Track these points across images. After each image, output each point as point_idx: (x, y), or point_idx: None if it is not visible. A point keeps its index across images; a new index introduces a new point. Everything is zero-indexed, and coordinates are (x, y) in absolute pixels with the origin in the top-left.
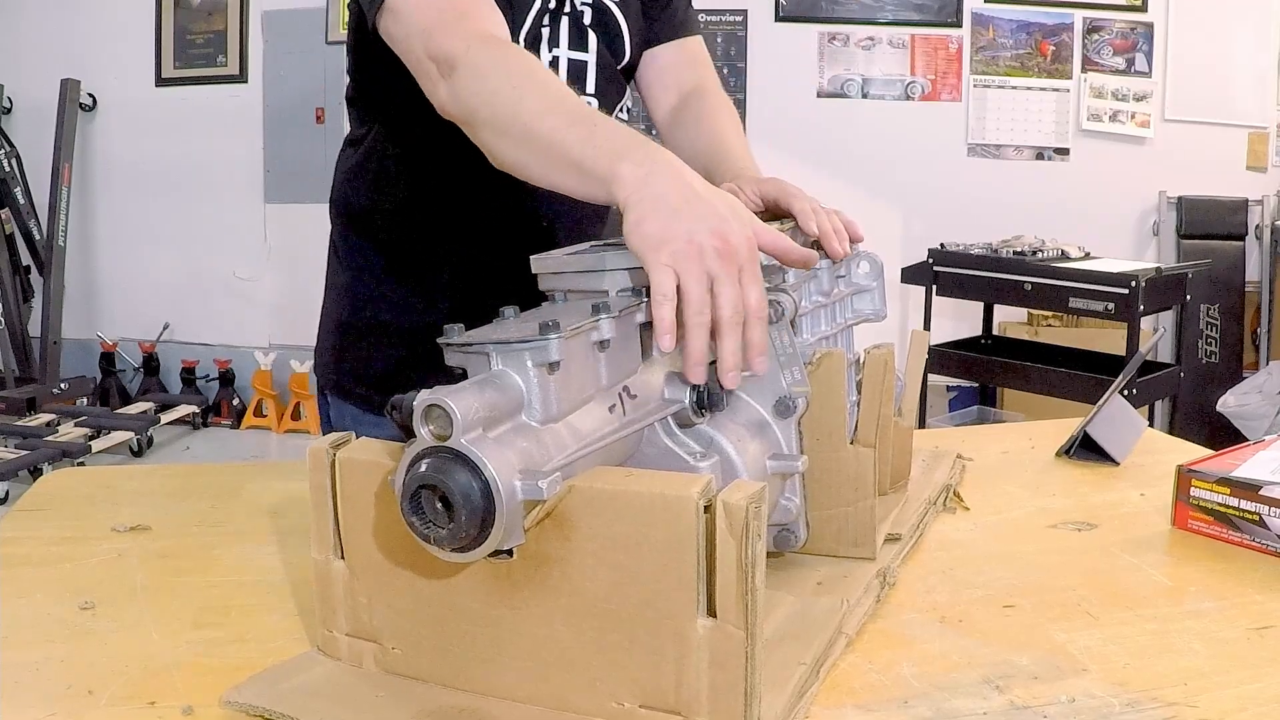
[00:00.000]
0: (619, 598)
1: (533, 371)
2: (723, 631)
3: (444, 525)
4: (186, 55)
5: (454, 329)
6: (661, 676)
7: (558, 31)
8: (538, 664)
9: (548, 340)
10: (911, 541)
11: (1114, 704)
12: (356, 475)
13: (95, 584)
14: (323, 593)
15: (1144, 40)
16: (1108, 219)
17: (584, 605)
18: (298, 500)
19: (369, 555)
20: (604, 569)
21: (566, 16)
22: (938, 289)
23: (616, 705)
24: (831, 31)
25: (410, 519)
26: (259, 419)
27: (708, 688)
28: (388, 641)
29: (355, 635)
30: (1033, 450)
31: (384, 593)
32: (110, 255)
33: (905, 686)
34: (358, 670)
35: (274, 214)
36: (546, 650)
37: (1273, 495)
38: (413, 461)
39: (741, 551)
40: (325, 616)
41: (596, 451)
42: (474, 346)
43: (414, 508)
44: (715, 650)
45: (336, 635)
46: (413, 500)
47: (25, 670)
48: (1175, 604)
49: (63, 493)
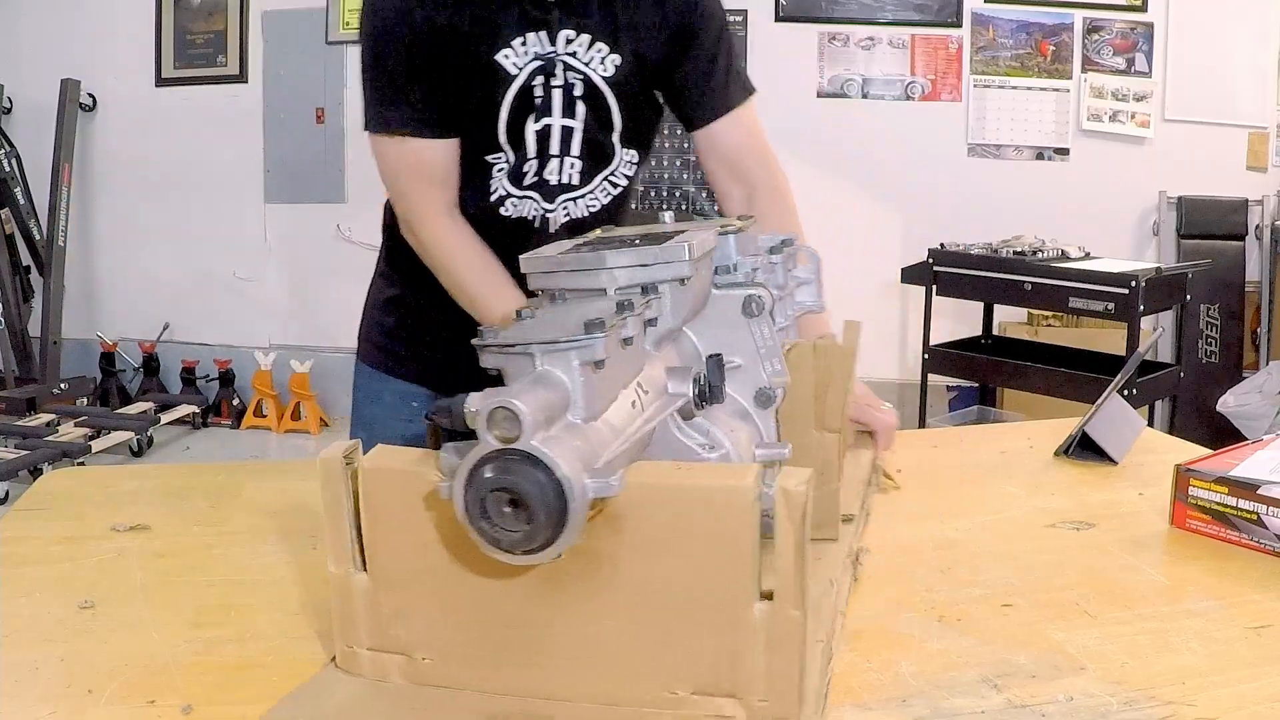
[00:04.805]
0: (673, 589)
1: (578, 370)
2: (780, 613)
3: (517, 528)
4: (186, 55)
5: (490, 330)
6: (717, 662)
7: (550, 101)
8: (585, 661)
9: (595, 339)
10: (864, 521)
11: (1112, 703)
12: (383, 484)
13: (95, 584)
14: (343, 607)
15: (1144, 40)
16: (1108, 219)
17: (635, 598)
18: (297, 500)
19: (397, 565)
20: (658, 561)
21: (559, 89)
22: (938, 289)
23: (670, 694)
24: (831, 31)
25: (479, 524)
26: (259, 419)
27: (764, 669)
28: (418, 652)
29: (379, 649)
30: (1031, 450)
31: (414, 603)
32: (110, 255)
33: (904, 685)
34: (386, 685)
35: (274, 214)
36: (595, 646)
37: (1271, 495)
38: (476, 466)
39: (799, 536)
40: (345, 632)
41: (630, 447)
42: (517, 347)
43: (482, 512)
44: (772, 632)
45: (358, 650)
46: (481, 505)
47: (25, 670)
48: (1173, 603)
49: (63, 493)
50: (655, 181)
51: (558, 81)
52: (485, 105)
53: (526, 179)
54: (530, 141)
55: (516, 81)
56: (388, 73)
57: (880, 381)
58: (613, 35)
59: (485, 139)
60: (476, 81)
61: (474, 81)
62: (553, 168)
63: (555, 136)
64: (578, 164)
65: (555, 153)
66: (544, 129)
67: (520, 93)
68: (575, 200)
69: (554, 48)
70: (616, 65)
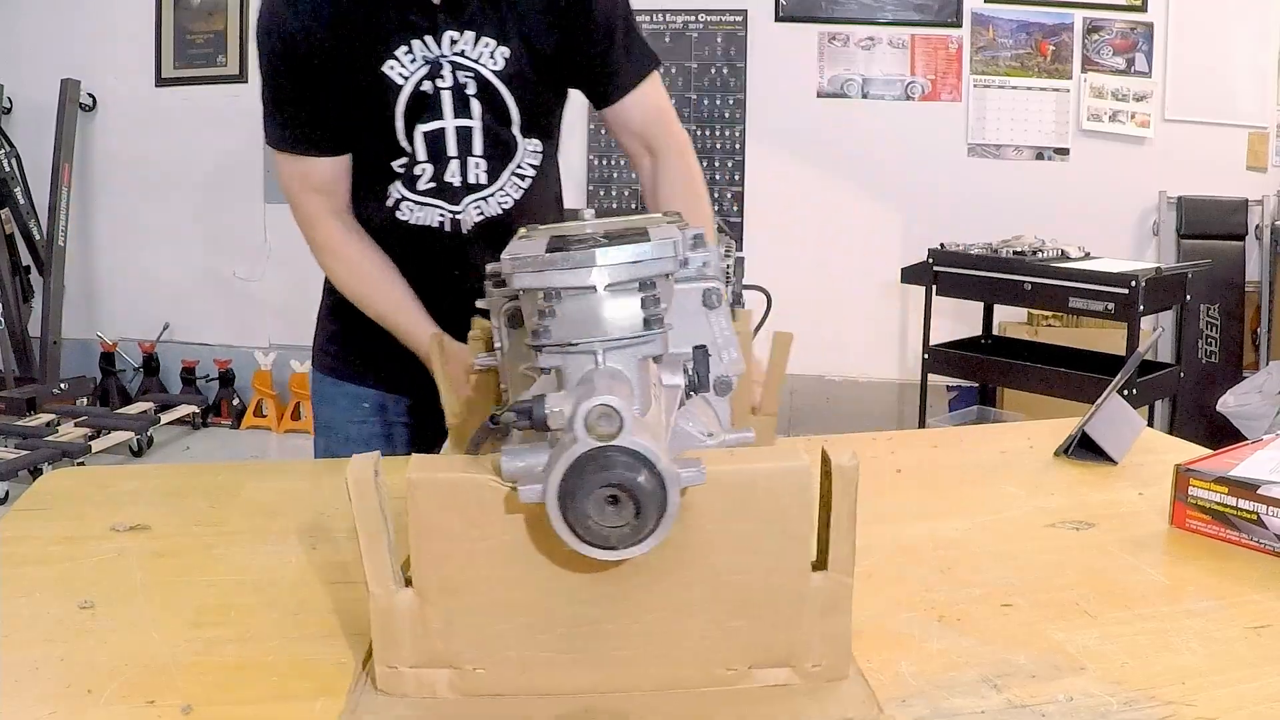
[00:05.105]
0: (731, 569)
1: (637, 366)
2: (835, 581)
3: (623, 523)
4: (186, 55)
5: (547, 329)
6: (774, 633)
7: (439, 103)
8: (644, 651)
9: (656, 335)
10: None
11: (1112, 703)
12: (436, 495)
13: (95, 583)
14: (384, 627)
15: (1144, 40)
16: (1108, 219)
17: (694, 583)
18: (297, 500)
19: (447, 577)
20: (715, 544)
21: (448, 91)
22: (938, 289)
23: (728, 671)
24: (831, 31)
25: (586, 523)
26: (259, 419)
27: (819, 635)
28: (469, 664)
29: (424, 665)
30: (1031, 450)
31: (463, 613)
32: (110, 255)
33: (903, 685)
34: (438, 701)
35: (274, 214)
36: (656, 633)
37: (1271, 494)
38: (575, 466)
39: (851, 507)
40: (386, 652)
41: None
42: (580, 345)
43: (587, 512)
44: (827, 599)
45: (401, 670)
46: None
47: (25, 670)
48: (1173, 603)
49: (63, 493)
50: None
51: (446, 83)
52: (380, 117)
53: (421, 183)
54: (420, 145)
55: (405, 90)
56: (277, 92)
57: (880, 381)
58: (499, 28)
59: (388, 148)
60: (366, 95)
61: (364, 95)
62: (453, 169)
63: (451, 138)
64: (483, 163)
65: (453, 154)
66: (435, 132)
67: (411, 100)
68: (486, 199)
69: (440, 50)
70: (506, 58)
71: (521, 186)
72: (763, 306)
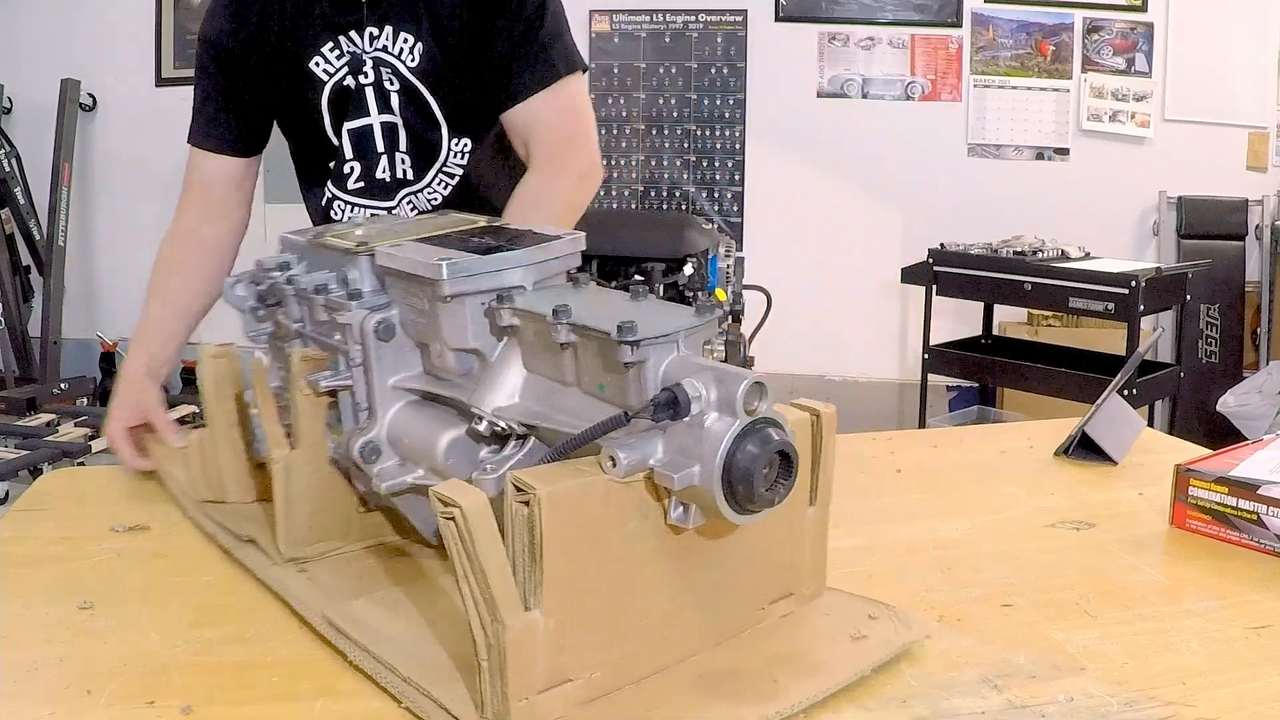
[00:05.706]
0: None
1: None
2: (823, 512)
3: (785, 481)
4: (186, 55)
5: (630, 326)
6: (787, 566)
7: (364, 99)
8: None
9: (710, 319)
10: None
11: (1112, 703)
12: (567, 507)
13: (94, 584)
14: (518, 658)
15: (1144, 40)
16: (1108, 219)
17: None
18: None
19: (574, 590)
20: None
21: (370, 87)
22: (938, 289)
23: (759, 610)
24: (831, 31)
25: (752, 490)
26: None
27: (809, 561)
28: (587, 671)
29: (547, 687)
30: (1031, 450)
31: (582, 623)
32: (110, 255)
33: (903, 685)
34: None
35: (274, 214)
36: (714, 594)
37: (1271, 494)
38: (739, 438)
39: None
40: (519, 685)
41: None
42: (663, 339)
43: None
44: (815, 530)
45: (532, 699)
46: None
47: (25, 670)
48: (1173, 603)
49: (63, 493)
50: (655, 181)
51: (367, 80)
52: (308, 115)
53: (350, 182)
54: (346, 142)
55: (328, 86)
56: (198, 86)
57: (880, 381)
58: (414, 24)
59: (321, 149)
60: (293, 92)
61: (292, 92)
62: (383, 165)
63: (377, 134)
64: (408, 159)
65: (381, 150)
66: (362, 129)
67: (334, 95)
68: (417, 194)
69: (363, 46)
70: (421, 54)
71: (450, 184)
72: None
